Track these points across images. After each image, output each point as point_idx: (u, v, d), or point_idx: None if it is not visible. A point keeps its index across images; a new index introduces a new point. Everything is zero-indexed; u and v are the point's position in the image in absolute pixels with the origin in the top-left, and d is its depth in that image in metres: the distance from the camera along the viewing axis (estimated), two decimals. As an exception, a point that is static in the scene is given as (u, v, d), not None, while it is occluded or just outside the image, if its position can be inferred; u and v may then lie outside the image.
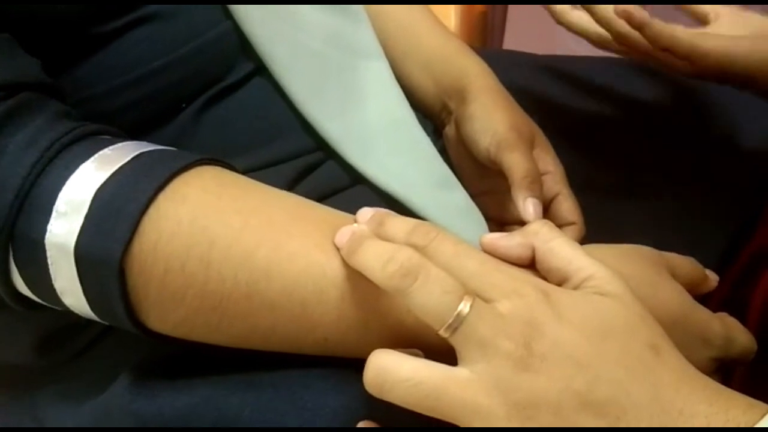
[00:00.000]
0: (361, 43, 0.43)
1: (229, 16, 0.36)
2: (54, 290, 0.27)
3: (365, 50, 0.43)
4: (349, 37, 0.42)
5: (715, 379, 0.33)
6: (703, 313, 0.31)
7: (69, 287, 0.27)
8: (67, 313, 0.30)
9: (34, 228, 0.26)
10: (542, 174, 0.42)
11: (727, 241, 0.46)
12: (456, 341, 0.24)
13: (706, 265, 0.36)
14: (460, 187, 0.43)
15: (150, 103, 0.34)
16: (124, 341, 0.33)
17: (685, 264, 0.33)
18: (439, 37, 0.48)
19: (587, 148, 0.48)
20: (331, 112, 0.39)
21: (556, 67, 0.54)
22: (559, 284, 0.27)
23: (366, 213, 0.29)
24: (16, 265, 0.27)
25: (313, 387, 0.29)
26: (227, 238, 0.27)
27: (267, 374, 0.30)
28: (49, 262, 0.26)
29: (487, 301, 0.25)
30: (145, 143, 0.30)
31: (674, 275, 0.32)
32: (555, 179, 0.43)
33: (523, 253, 0.28)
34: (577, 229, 0.41)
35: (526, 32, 0.99)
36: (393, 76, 0.44)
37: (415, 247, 0.26)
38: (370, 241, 0.26)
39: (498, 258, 0.28)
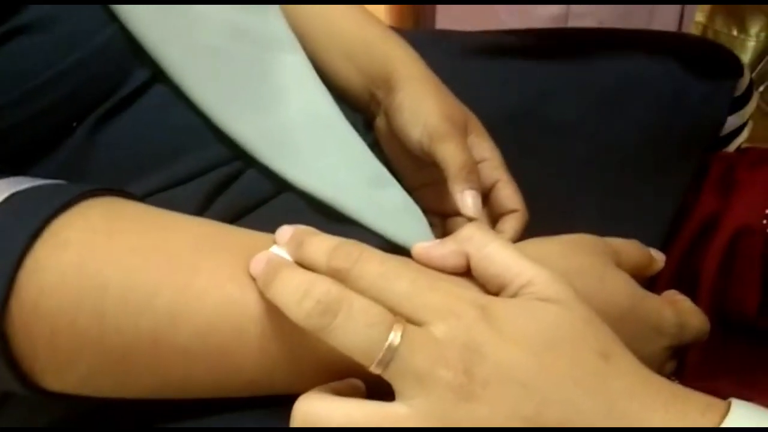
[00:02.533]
0: (270, 36, 0.39)
1: (115, 19, 0.32)
2: None
3: (276, 43, 0.39)
4: (255, 31, 0.38)
5: (670, 366, 0.32)
6: (653, 301, 0.29)
7: None
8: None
9: None
10: (479, 161, 0.40)
11: (674, 210, 0.45)
12: (390, 376, 0.22)
13: (654, 238, 0.35)
14: (395, 183, 0.40)
15: (34, 126, 0.30)
16: (26, 405, 0.29)
17: (631, 249, 0.32)
18: (360, 23, 0.44)
19: (524, 129, 0.46)
20: (243, 114, 0.36)
21: (487, 45, 0.51)
22: (498, 292, 0.25)
23: (285, 233, 0.26)
24: None
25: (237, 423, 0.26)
26: (122, 282, 0.23)
27: (193, 423, 0.27)
28: None
29: (420, 324, 0.22)
30: (21, 179, 0.26)
31: (620, 262, 0.30)
32: (493, 165, 0.40)
33: (458, 261, 0.25)
34: (519, 216, 0.39)
35: (456, 8, 0.97)
36: (312, 69, 0.40)
37: (338, 272, 0.23)
38: (286, 271, 0.23)
39: (433, 268, 0.26)
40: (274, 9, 0.40)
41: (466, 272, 0.26)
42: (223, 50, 0.36)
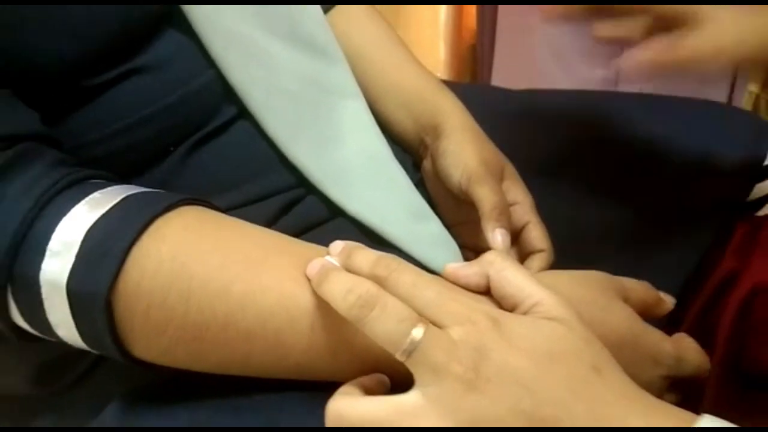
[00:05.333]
0: (337, 83, 0.45)
1: (213, 65, 0.39)
2: (48, 323, 0.30)
3: (342, 90, 0.46)
4: (325, 78, 0.45)
5: (669, 398, 0.35)
6: (653, 334, 0.33)
7: (62, 320, 0.29)
8: (61, 345, 0.32)
9: (30, 267, 0.29)
10: (512, 204, 0.45)
11: (694, 267, 0.48)
12: (411, 364, 0.26)
13: (670, 291, 0.38)
14: (435, 218, 0.45)
15: (140, 148, 0.37)
16: (114, 371, 0.35)
17: (638, 288, 0.35)
18: (417, 78, 0.50)
19: (556, 180, 0.51)
20: (310, 150, 0.42)
21: (534, 101, 0.57)
22: (512, 310, 0.29)
23: (337, 246, 0.32)
24: (14, 300, 0.30)
25: (289, 410, 0.31)
26: (205, 274, 0.29)
27: (246, 399, 0.32)
28: (44, 297, 0.29)
29: (441, 327, 0.27)
30: (132, 186, 0.32)
31: (627, 298, 0.34)
32: (524, 209, 0.45)
33: (480, 281, 0.30)
34: (545, 255, 0.44)
35: (514, 65, 1.03)
36: (370, 114, 0.46)
37: (378, 278, 0.28)
38: (336, 273, 0.28)
39: (459, 286, 0.30)
40: (342, 61, 0.47)
41: (487, 291, 0.30)
42: (296, 94, 0.42)
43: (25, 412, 0.40)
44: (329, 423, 0.27)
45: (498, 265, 0.30)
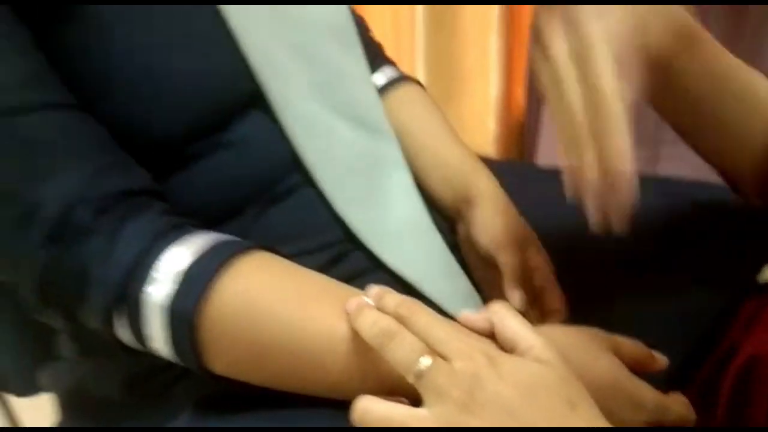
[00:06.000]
0: (387, 156, 0.54)
1: (284, 139, 0.49)
2: (146, 337, 0.39)
3: (391, 162, 0.54)
4: (377, 152, 0.53)
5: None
6: (636, 383, 0.39)
7: (156, 335, 0.38)
8: (150, 360, 0.40)
9: (137, 290, 0.38)
10: (534, 269, 0.51)
11: (694, 335, 0.53)
12: (420, 387, 0.33)
13: (674, 353, 0.43)
14: (464, 276, 0.52)
15: (222, 206, 0.46)
16: (189, 385, 0.43)
17: (629, 344, 0.41)
18: (457, 155, 0.58)
19: (577, 251, 0.57)
20: (361, 213, 0.50)
21: (553, 175, 0.64)
22: (511, 351, 0.35)
23: (372, 289, 0.39)
24: (122, 317, 0.39)
25: (322, 422, 0.38)
26: (269, 305, 0.38)
27: (290, 412, 0.39)
28: (147, 315, 0.38)
29: (446, 360, 0.34)
30: (218, 234, 0.41)
31: (617, 352, 0.40)
32: (543, 275, 0.51)
33: (485, 326, 0.37)
34: (559, 315, 0.50)
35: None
36: (414, 185, 0.55)
37: (400, 317, 0.35)
38: (367, 309, 0.36)
39: (469, 329, 0.37)
40: (392, 137, 0.55)
41: (491, 335, 0.37)
42: (352, 165, 0.51)
43: (112, 415, 0.48)
44: (354, 416, 0.34)
45: (501, 314, 0.37)
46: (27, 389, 0.63)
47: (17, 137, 0.37)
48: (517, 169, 0.69)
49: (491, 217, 0.52)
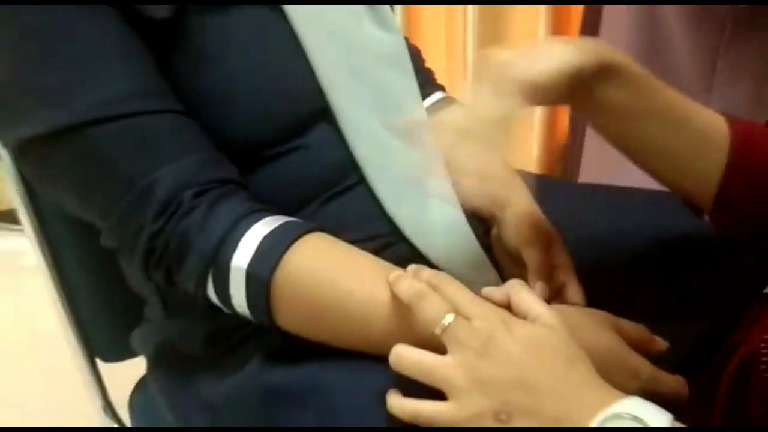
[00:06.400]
0: (431, 166, 0.63)
1: (346, 148, 0.58)
2: (229, 295, 0.48)
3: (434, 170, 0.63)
4: (422, 161, 0.62)
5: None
6: (634, 355, 0.46)
7: (237, 293, 0.48)
8: (225, 320, 0.50)
9: (226, 257, 0.47)
10: (556, 265, 0.59)
11: (695, 338, 0.58)
12: (444, 338, 0.41)
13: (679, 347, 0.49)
14: (492, 269, 0.60)
15: (292, 198, 0.56)
16: (257, 342, 0.53)
17: (632, 326, 0.48)
18: (495, 167, 0.66)
19: (596, 255, 0.64)
20: (406, 211, 0.59)
21: (579, 190, 0.71)
22: (523, 318, 0.43)
23: (412, 266, 0.48)
24: (211, 280, 0.48)
25: (369, 367, 0.46)
26: (327, 273, 0.47)
27: (341, 362, 0.48)
28: (231, 277, 0.47)
29: (467, 319, 0.42)
30: (289, 217, 0.51)
31: (620, 332, 0.47)
32: (565, 271, 0.59)
33: (503, 298, 0.45)
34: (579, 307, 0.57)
35: (601, 164, 1.16)
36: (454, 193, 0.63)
37: (432, 285, 0.44)
38: (405, 278, 0.45)
39: (490, 301, 0.45)
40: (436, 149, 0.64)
41: (508, 306, 0.45)
42: (401, 171, 0.60)
43: (190, 366, 0.58)
44: (391, 359, 0.42)
45: (517, 288, 0.45)
46: (117, 353, 0.74)
47: (139, 134, 0.48)
48: (547, 183, 0.77)
49: (519, 219, 0.60)
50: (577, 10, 1.13)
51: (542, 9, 1.16)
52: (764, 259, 0.62)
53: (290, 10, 0.55)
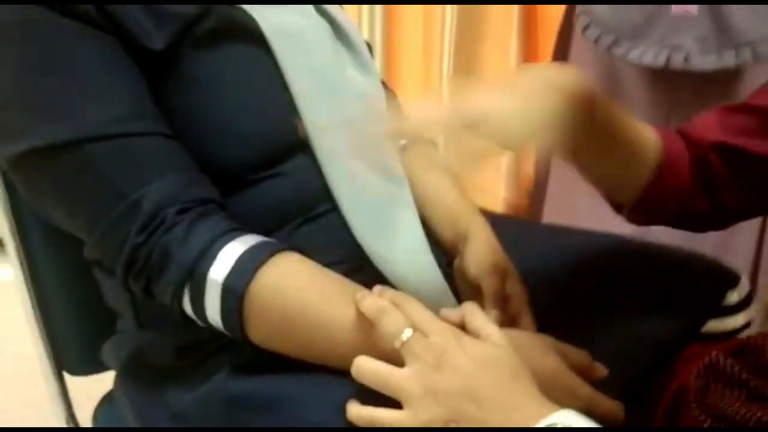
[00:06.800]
0: (401, 198, 0.67)
1: (321, 177, 0.62)
2: (204, 308, 0.51)
3: (404, 203, 0.67)
4: (393, 194, 0.67)
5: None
6: (574, 377, 0.50)
7: (211, 305, 0.51)
8: (196, 333, 0.53)
9: (203, 271, 0.51)
10: (512, 296, 0.63)
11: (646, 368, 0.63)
12: (402, 352, 0.45)
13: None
14: (452, 297, 0.64)
15: (268, 221, 0.60)
16: (226, 355, 0.55)
17: (575, 351, 0.53)
18: (457, 202, 0.71)
19: (546, 288, 0.68)
20: (373, 239, 0.63)
21: (537, 230, 0.76)
22: (475, 337, 0.47)
23: (377, 287, 0.52)
24: (187, 290, 0.51)
25: (332, 382, 0.50)
26: (298, 291, 0.50)
27: (306, 374, 0.51)
28: (206, 290, 0.51)
29: (424, 335, 0.46)
30: (264, 237, 0.54)
31: (563, 356, 0.51)
32: (519, 301, 0.63)
33: (458, 319, 0.49)
34: None
35: (563, 205, 1.22)
36: (419, 221, 0.68)
37: (395, 303, 0.48)
38: (370, 296, 0.48)
39: (446, 321, 0.49)
40: (405, 182, 0.69)
41: (463, 326, 0.49)
42: (371, 201, 0.64)
43: (161, 377, 0.60)
44: (353, 370, 0.46)
45: (471, 309, 0.49)
46: (85, 366, 0.76)
47: (131, 152, 0.52)
48: (506, 221, 0.82)
49: (479, 251, 0.65)
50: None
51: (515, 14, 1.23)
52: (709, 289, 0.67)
53: (278, 49, 0.60)
